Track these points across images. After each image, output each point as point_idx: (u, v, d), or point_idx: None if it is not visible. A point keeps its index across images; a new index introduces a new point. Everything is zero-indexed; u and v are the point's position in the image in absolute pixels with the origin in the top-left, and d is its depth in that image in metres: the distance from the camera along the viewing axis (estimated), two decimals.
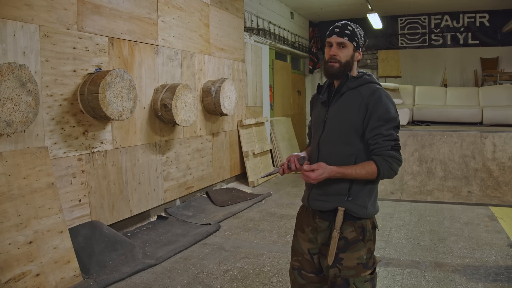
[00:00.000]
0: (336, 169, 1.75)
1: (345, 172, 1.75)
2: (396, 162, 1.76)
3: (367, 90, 1.82)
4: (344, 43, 1.85)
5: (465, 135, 6.30)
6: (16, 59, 3.23)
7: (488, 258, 3.77)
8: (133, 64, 4.55)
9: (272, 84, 9.45)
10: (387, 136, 1.76)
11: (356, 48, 1.88)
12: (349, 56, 1.86)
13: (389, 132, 1.76)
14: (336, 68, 1.86)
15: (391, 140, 1.76)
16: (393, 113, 1.79)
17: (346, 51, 1.86)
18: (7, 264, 2.87)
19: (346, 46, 1.86)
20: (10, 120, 2.96)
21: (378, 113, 1.77)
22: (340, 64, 1.86)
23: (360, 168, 1.75)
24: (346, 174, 1.75)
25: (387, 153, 1.75)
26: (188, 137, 5.62)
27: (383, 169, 1.75)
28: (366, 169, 1.75)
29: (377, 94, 1.80)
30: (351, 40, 1.86)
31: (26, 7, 3.33)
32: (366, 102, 1.79)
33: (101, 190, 4.12)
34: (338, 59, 1.86)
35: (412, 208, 5.53)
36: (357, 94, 1.83)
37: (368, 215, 1.83)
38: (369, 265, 1.83)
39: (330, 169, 1.75)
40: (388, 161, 1.75)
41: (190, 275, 3.51)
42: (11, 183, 3.05)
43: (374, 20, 9.97)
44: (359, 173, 1.75)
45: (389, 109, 1.79)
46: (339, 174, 1.76)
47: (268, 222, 5.01)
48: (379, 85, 1.86)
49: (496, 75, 9.92)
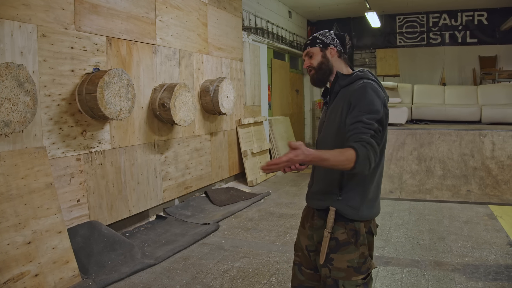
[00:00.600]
0: (314, 152, 1.57)
1: (322, 156, 1.58)
2: (373, 152, 1.61)
3: (355, 86, 1.78)
4: (309, 52, 1.93)
5: (464, 133, 6.30)
6: (13, 59, 3.22)
7: (487, 257, 3.77)
8: (131, 64, 4.54)
9: (271, 83, 9.44)
10: (368, 124, 1.64)
11: (323, 47, 1.91)
12: (319, 58, 1.91)
13: (370, 122, 1.65)
14: (313, 74, 1.93)
15: (371, 129, 1.64)
16: (377, 106, 1.70)
17: (315, 56, 1.92)
18: (5, 264, 2.86)
19: (312, 53, 1.92)
20: (8, 120, 2.95)
21: (361, 104, 1.70)
22: (314, 69, 1.92)
23: (338, 154, 1.59)
24: (324, 159, 1.58)
25: (367, 139, 1.60)
26: (186, 137, 5.61)
27: (361, 155, 1.57)
28: (345, 155, 1.57)
29: (362, 87, 1.74)
30: (313, 45, 1.92)
31: (24, 7, 3.31)
32: (350, 97, 1.75)
33: (100, 190, 4.10)
34: (312, 66, 1.92)
35: (411, 207, 5.53)
36: (346, 92, 1.80)
37: (361, 217, 1.78)
38: (362, 270, 1.78)
39: (308, 152, 1.55)
40: (366, 147, 1.59)
41: (189, 275, 3.51)
42: (9, 183, 3.04)
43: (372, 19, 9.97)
44: (337, 159, 1.58)
45: (373, 101, 1.70)
46: (316, 158, 1.58)
47: (267, 221, 5.01)
48: (372, 80, 1.80)
49: (494, 74, 9.94)
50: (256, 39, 8.32)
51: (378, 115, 1.68)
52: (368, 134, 1.62)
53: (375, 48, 11.79)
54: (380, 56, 11.71)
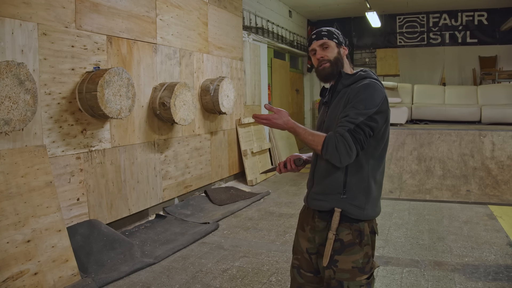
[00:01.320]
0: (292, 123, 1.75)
1: (296, 129, 1.75)
2: (344, 145, 1.64)
3: (357, 85, 1.77)
4: (326, 42, 1.86)
5: (464, 133, 6.31)
6: (14, 57, 3.21)
7: (487, 257, 3.77)
8: (131, 63, 4.54)
9: (271, 82, 9.44)
10: (351, 118, 1.67)
11: (338, 44, 1.88)
12: (335, 53, 1.86)
13: (356, 116, 1.67)
14: (328, 67, 1.85)
15: (352, 123, 1.66)
16: (373, 103, 1.70)
17: (331, 49, 1.86)
18: (5, 263, 2.86)
19: (329, 45, 1.86)
20: (8, 119, 2.95)
21: (355, 100, 1.71)
22: (330, 62, 1.85)
23: (310, 133, 1.73)
24: (297, 132, 1.74)
25: (340, 131, 1.66)
26: (186, 136, 5.60)
27: (327, 144, 1.66)
28: (314, 137, 1.71)
29: (362, 85, 1.75)
30: (330, 38, 1.86)
31: (24, 5, 3.31)
32: (349, 95, 1.76)
33: (100, 189, 4.10)
34: (327, 59, 1.85)
35: (411, 207, 5.53)
36: (347, 91, 1.79)
37: (366, 217, 1.79)
38: (366, 270, 1.78)
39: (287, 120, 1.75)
40: (337, 138, 1.64)
41: (188, 274, 3.50)
42: (9, 182, 3.04)
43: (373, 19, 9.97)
44: (306, 137, 1.73)
45: (371, 97, 1.71)
46: (292, 129, 1.75)
47: (267, 221, 5.01)
48: (375, 80, 1.80)
49: (494, 74, 9.94)
50: (257, 38, 8.32)
51: (369, 111, 1.68)
52: (346, 128, 1.66)
53: (375, 48, 11.80)
54: (380, 56, 11.71)
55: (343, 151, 1.64)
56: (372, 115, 1.68)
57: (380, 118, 1.71)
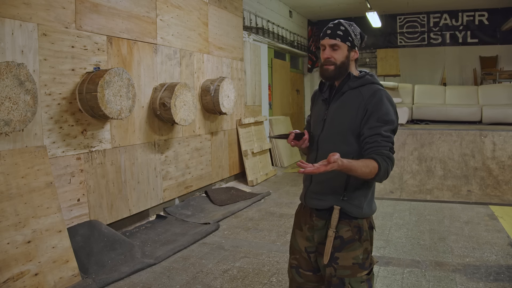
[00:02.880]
0: (346, 163, 1.60)
1: (351, 167, 1.62)
2: (391, 165, 1.71)
3: (368, 91, 1.79)
4: (337, 44, 1.82)
5: (465, 134, 6.29)
6: (14, 58, 3.21)
7: (488, 258, 3.76)
8: (131, 63, 4.53)
9: (271, 83, 9.44)
10: (386, 137, 1.72)
11: (351, 48, 1.84)
12: (344, 57, 1.82)
13: (388, 134, 1.73)
14: (331, 70, 1.83)
15: (389, 142, 1.73)
16: (392, 116, 1.76)
17: (340, 52, 1.82)
18: (5, 263, 2.85)
19: (339, 48, 1.82)
20: (8, 119, 2.94)
21: (378, 114, 1.74)
22: (335, 66, 1.82)
23: (364, 166, 1.64)
24: (352, 169, 1.62)
25: (386, 153, 1.70)
26: (187, 136, 5.60)
27: (383, 169, 1.66)
28: (369, 168, 1.65)
29: (378, 95, 1.77)
30: (344, 41, 1.82)
31: (24, 6, 3.31)
32: (366, 103, 1.76)
33: (100, 190, 4.10)
34: (333, 61, 1.82)
35: (412, 207, 5.53)
36: (357, 95, 1.80)
37: (364, 215, 1.82)
38: (366, 266, 1.80)
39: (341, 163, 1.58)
40: (387, 161, 1.69)
41: (189, 275, 3.50)
42: (9, 182, 3.03)
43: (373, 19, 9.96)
44: (363, 171, 1.64)
45: (389, 111, 1.76)
46: (346, 169, 1.61)
47: (268, 221, 5.00)
48: (381, 86, 1.84)
49: (495, 74, 9.93)
50: (257, 38, 8.32)
51: (393, 126, 1.76)
52: (387, 148, 1.72)
53: (376, 48, 11.79)
54: (380, 56, 11.70)
55: (390, 171, 1.72)
56: (394, 128, 1.77)
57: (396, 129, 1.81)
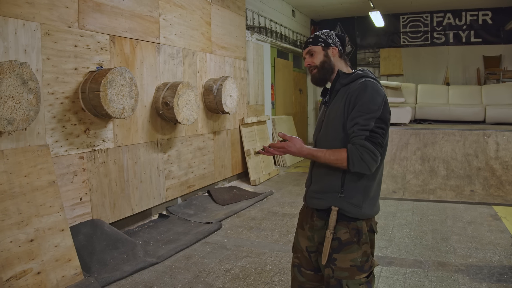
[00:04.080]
0: (307, 149, 1.78)
1: (314, 153, 1.77)
2: (368, 153, 1.68)
3: (356, 85, 1.80)
4: (311, 50, 1.92)
5: (468, 133, 6.27)
6: (17, 57, 3.22)
7: (491, 258, 3.75)
8: (134, 62, 4.54)
9: (274, 82, 9.43)
10: (363, 126, 1.70)
11: (325, 47, 1.91)
12: (322, 57, 1.90)
13: (367, 122, 1.70)
14: (316, 73, 1.92)
15: (366, 130, 1.70)
16: (376, 104, 1.72)
17: (317, 55, 1.91)
18: (8, 262, 2.86)
19: (314, 51, 1.91)
20: (12, 118, 2.95)
21: (360, 103, 1.73)
22: (317, 68, 1.91)
23: (330, 153, 1.74)
24: (316, 156, 1.77)
25: (359, 141, 1.69)
26: (189, 136, 5.60)
27: (352, 158, 1.68)
28: (336, 156, 1.73)
29: (362, 85, 1.76)
30: (315, 44, 1.92)
31: (28, 5, 3.32)
32: (351, 95, 1.77)
33: (103, 189, 4.10)
34: (313, 65, 1.91)
35: (415, 207, 5.51)
36: (347, 90, 1.82)
37: (363, 215, 1.79)
38: (365, 269, 1.79)
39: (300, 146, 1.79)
40: (359, 150, 1.68)
41: (191, 274, 3.50)
42: (12, 181, 3.04)
43: (376, 18, 9.95)
44: (328, 158, 1.74)
45: (373, 99, 1.73)
46: (309, 155, 1.79)
47: (270, 220, 5.00)
48: (372, 79, 1.82)
49: (499, 73, 9.89)
50: (260, 38, 8.31)
51: (376, 113, 1.72)
52: (363, 137, 1.69)
53: (379, 48, 11.77)
54: (383, 55, 11.68)
55: (369, 160, 1.69)
56: (380, 116, 1.72)
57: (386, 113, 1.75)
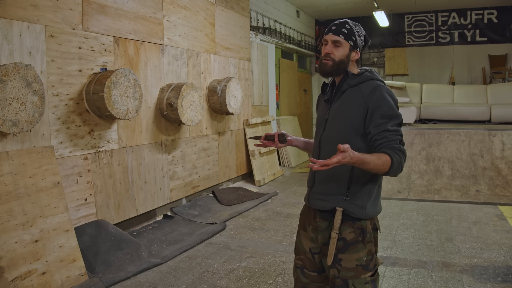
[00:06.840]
0: (358, 155, 1.60)
1: (364, 160, 1.62)
2: (404, 158, 1.70)
3: (368, 87, 1.78)
4: (339, 41, 1.81)
5: (473, 133, 6.23)
6: (22, 59, 3.25)
7: (497, 258, 3.72)
8: (138, 64, 4.56)
9: (278, 83, 9.43)
10: (394, 131, 1.71)
11: (352, 48, 1.83)
12: (344, 55, 1.81)
13: (395, 128, 1.73)
14: (329, 66, 1.82)
15: (398, 135, 1.72)
16: (396, 110, 1.75)
17: (341, 50, 1.81)
18: (13, 262, 2.89)
19: (341, 45, 1.81)
20: (16, 120, 2.98)
21: (382, 110, 1.73)
22: (333, 62, 1.81)
23: (377, 158, 1.64)
24: (365, 162, 1.62)
25: (397, 146, 1.69)
26: (194, 136, 5.62)
27: (396, 162, 1.66)
28: (382, 160, 1.64)
29: (378, 91, 1.76)
30: (347, 39, 1.81)
31: (32, 8, 3.34)
32: (366, 101, 1.75)
33: (107, 189, 4.13)
34: (331, 57, 1.81)
35: (419, 207, 5.49)
36: (357, 92, 1.79)
37: (367, 216, 1.80)
38: (370, 267, 1.80)
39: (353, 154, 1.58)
40: (399, 154, 1.68)
41: (195, 274, 3.51)
42: (17, 182, 3.07)
43: (381, 18, 9.91)
44: (376, 163, 1.64)
45: (392, 106, 1.75)
46: (359, 161, 1.61)
47: (274, 221, 5.00)
48: (381, 82, 1.82)
49: (504, 73, 9.83)
50: (264, 38, 8.32)
51: (398, 119, 1.75)
52: (397, 141, 1.71)
53: (384, 48, 11.72)
54: (388, 55, 11.63)
55: (403, 163, 1.72)
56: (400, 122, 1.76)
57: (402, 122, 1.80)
